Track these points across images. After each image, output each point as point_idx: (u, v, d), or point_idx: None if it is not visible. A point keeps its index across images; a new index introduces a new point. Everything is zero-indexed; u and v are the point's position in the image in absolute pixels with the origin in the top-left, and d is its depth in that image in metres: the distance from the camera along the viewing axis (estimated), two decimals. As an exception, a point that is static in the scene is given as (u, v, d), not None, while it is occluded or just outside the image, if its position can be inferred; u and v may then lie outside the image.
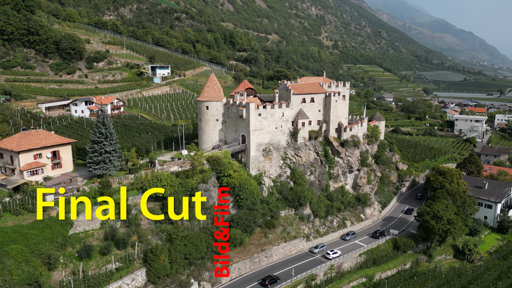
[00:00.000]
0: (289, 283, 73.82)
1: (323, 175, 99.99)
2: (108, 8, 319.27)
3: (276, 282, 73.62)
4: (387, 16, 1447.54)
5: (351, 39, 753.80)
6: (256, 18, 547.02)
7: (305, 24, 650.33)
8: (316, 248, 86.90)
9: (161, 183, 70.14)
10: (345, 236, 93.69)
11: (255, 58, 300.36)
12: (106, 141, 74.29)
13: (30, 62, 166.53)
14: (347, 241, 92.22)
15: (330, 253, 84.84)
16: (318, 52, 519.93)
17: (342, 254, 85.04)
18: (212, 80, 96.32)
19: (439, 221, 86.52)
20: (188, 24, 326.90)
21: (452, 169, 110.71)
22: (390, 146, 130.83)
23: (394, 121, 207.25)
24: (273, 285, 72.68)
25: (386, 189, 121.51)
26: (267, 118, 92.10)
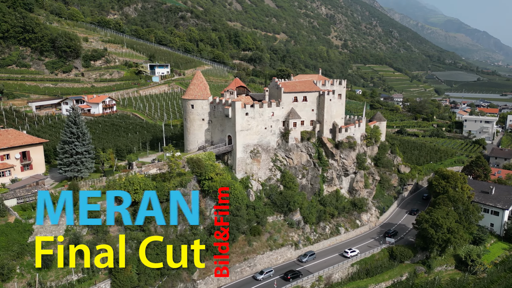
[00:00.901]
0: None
1: (316, 179, 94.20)
2: (113, 7, 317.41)
3: (298, 277, 74.65)
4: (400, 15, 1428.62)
5: (361, 39, 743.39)
6: (264, 17, 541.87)
7: (314, 23, 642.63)
8: (304, 256, 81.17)
9: (133, 186, 65.40)
10: (302, 257, 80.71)
11: (259, 57, 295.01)
12: (77, 142, 69.89)
13: (25, 60, 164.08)
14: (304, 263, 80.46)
15: (348, 251, 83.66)
16: (326, 51, 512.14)
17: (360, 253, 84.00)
18: (198, 78, 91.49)
19: (438, 230, 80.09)
20: (193, 23, 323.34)
21: (456, 173, 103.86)
22: (391, 148, 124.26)
23: (400, 121, 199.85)
24: (295, 280, 73.87)
25: (386, 193, 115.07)
26: (255, 117, 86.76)
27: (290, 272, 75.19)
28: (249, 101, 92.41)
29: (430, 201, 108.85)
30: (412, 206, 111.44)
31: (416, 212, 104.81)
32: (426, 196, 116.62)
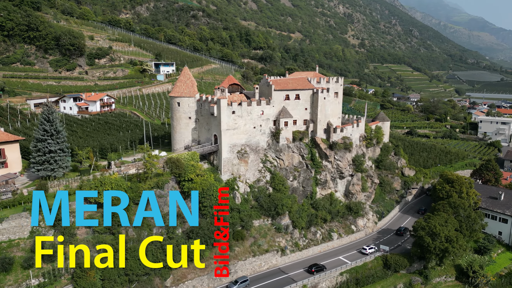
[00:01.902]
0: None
1: (308, 181, 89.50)
2: (125, 6, 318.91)
3: (322, 270, 74.58)
4: (421, 14, 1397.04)
5: (379, 38, 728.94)
6: (279, 16, 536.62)
7: (330, 22, 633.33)
8: (235, 283, 68.75)
9: (104, 187, 62.44)
10: (232, 284, 68.96)
11: (270, 56, 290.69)
12: (51, 140, 67.49)
13: (30, 58, 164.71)
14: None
15: (367, 248, 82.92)
16: (342, 50, 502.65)
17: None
18: (185, 74, 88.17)
19: (436, 238, 74.25)
20: (204, 22, 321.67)
21: (462, 177, 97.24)
22: (395, 150, 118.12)
23: (411, 122, 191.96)
24: (319, 273, 73.87)
25: (387, 197, 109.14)
26: (243, 116, 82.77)
27: (314, 266, 75.35)
28: (243, 99, 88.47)
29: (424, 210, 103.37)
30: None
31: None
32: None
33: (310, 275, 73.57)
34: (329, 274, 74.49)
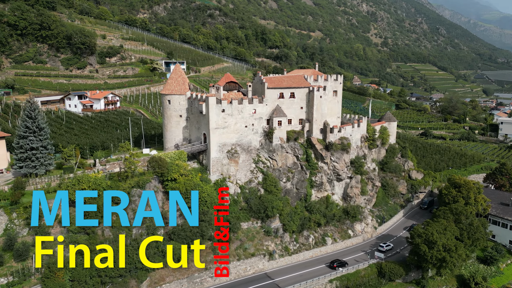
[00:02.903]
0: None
1: (302, 183, 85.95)
2: (143, 6, 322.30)
3: (344, 266, 74.54)
4: (450, 12, 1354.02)
5: (404, 36, 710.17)
6: (299, 15, 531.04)
7: (353, 21, 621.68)
8: None
9: (81, 186, 61.24)
10: None
11: (285, 54, 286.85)
12: (33, 136, 66.95)
13: (42, 57, 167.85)
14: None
15: (384, 246, 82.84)
16: (363, 49, 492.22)
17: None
18: (176, 72, 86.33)
19: (432, 247, 69.39)
20: (220, 21, 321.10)
21: (469, 182, 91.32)
22: (402, 151, 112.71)
23: (427, 123, 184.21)
24: (340, 268, 74.12)
25: (392, 201, 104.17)
26: (233, 115, 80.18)
27: (336, 261, 75.36)
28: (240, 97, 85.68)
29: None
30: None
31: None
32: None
33: (297, 282, 70.23)
34: (317, 281, 70.90)
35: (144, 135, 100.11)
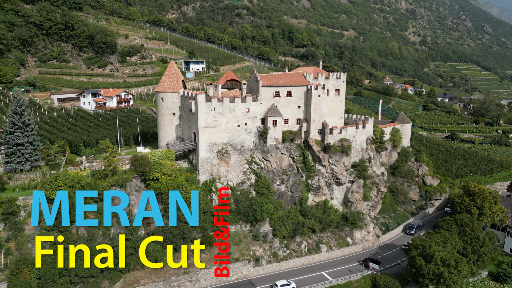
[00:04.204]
0: None
1: (297, 186, 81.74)
2: (172, 6, 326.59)
3: (377, 263, 73.95)
4: (498, 9, 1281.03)
5: (445, 35, 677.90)
6: (332, 14, 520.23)
7: (389, 19, 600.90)
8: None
9: (56, 183, 60.72)
10: None
11: (312, 53, 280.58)
12: (19, 132, 67.47)
13: (66, 56, 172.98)
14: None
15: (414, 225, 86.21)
16: (398, 48, 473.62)
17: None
18: (170, 69, 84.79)
19: (430, 260, 63.23)
20: (248, 20, 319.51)
21: (485, 190, 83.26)
22: (416, 155, 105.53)
23: (456, 125, 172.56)
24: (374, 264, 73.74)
25: (401, 208, 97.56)
26: (225, 113, 77.46)
27: (369, 259, 75.05)
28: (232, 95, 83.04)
29: None
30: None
31: None
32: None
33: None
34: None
35: (142, 133, 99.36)
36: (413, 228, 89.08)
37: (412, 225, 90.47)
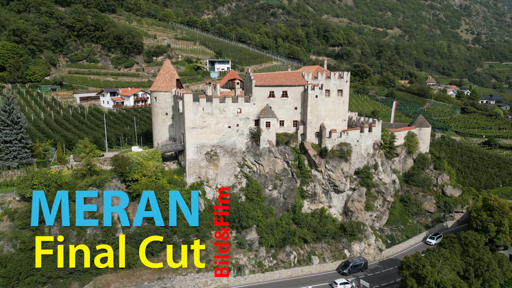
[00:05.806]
0: None
1: (291, 192, 76.84)
2: (208, 7, 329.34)
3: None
4: None
5: (503, 32, 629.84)
6: (376, 12, 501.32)
7: (440, 16, 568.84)
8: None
9: (31, 182, 60.71)
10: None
11: (347, 52, 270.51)
12: (8, 130, 68.66)
13: (95, 56, 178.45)
14: None
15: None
16: (447, 46, 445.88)
17: None
18: (165, 68, 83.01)
19: (422, 282, 56.10)
20: (282, 20, 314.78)
21: (506, 204, 73.73)
22: (436, 162, 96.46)
23: (496, 130, 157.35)
24: None
25: (415, 220, 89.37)
26: (214, 114, 74.43)
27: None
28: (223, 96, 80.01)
29: None
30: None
31: None
32: None
33: None
34: (280, 306, 62.02)
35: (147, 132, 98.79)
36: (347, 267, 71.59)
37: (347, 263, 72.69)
